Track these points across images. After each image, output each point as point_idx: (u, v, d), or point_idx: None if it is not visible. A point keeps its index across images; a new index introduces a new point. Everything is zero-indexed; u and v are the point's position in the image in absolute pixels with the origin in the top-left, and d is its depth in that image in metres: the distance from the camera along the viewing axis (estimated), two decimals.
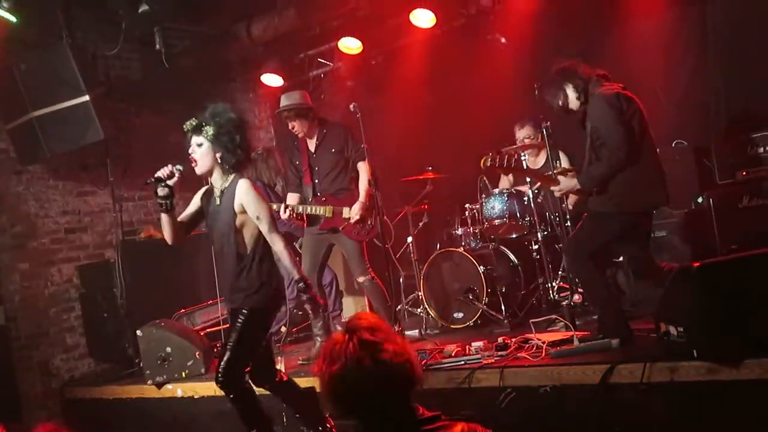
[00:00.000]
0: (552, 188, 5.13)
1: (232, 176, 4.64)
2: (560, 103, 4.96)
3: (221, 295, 6.47)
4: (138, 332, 6.51)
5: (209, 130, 4.55)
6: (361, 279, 6.28)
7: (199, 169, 4.63)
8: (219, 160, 4.58)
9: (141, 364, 6.62)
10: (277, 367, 5.77)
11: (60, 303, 7.53)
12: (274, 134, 9.66)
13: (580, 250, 4.86)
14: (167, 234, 4.68)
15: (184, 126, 4.66)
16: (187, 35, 8.31)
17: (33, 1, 6.66)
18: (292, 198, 6.33)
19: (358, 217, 6.08)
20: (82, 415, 7.02)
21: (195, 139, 4.60)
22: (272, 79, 8.33)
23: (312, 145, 6.28)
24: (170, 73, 7.88)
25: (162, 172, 4.56)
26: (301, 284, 4.61)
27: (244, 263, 4.59)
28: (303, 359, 6.21)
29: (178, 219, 4.75)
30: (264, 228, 4.54)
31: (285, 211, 6.04)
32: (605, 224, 4.82)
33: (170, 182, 4.56)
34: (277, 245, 4.56)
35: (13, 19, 6.26)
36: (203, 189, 4.86)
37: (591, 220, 4.91)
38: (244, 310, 4.56)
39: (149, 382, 6.40)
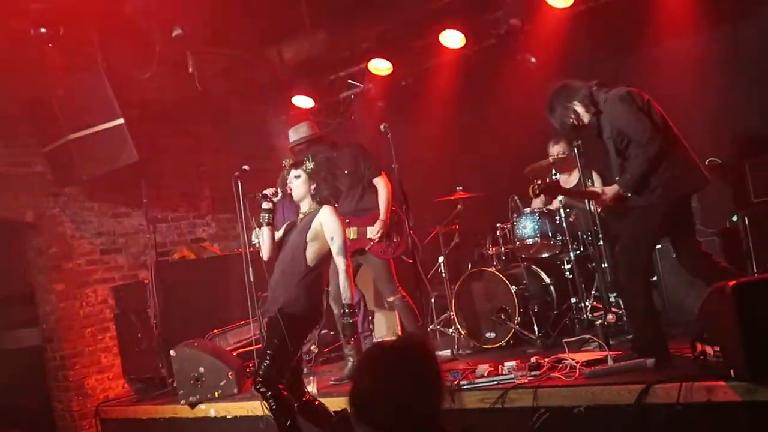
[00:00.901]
0: (601, 198, 5.07)
1: (317, 203, 5.14)
2: (572, 122, 4.92)
3: (260, 308, 6.52)
4: (171, 352, 6.56)
5: (308, 165, 5.16)
6: (391, 298, 6.26)
7: (296, 197, 5.16)
8: (312, 191, 5.12)
9: (174, 384, 6.67)
10: (308, 388, 5.80)
11: (95, 323, 7.63)
12: None
13: (631, 254, 4.77)
14: (264, 247, 5.20)
15: (284, 162, 5.38)
16: (218, 59, 8.42)
17: (69, 26, 6.81)
18: None
19: (380, 234, 6.08)
20: None
21: (294, 172, 5.18)
22: (303, 101, 8.41)
23: None
24: (202, 96, 7.99)
25: (269, 191, 5.23)
26: (348, 309, 4.93)
27: (301, 274, 4.94)
28: (335, 379, 6.20)
29: (275, 236, 5.24)
30: (334, 249, 4.92)
31: None
32: (649, 217, 4.74)
33: (274, 199, 5.20)
34: (341, 266, 4.92)
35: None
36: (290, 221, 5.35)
37: (634, 217, 4.82)
38: (282, 318, 4.81)
39: (182, 402, 6.44)
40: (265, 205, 5.18)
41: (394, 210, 6.15)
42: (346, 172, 6.20)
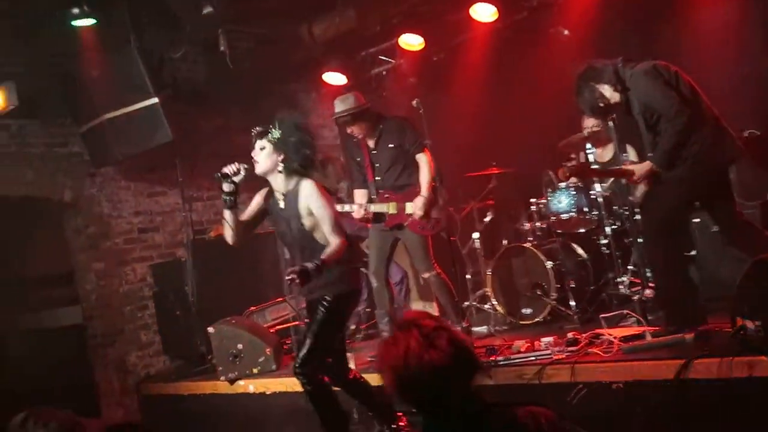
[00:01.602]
0: (632, 178, 5.02)
1: (295, 179, 4.71)
2: (601, 103, 4.89)
3: (291, 292, 6.57)
4: (210, 329, 6.65)
5: (274, 133, 4.68)
6: (426, 275, 6.27)
7: (259, 169, 4.72)
8: (281, 163, 4.68)
9: (213, 361, 6.77)
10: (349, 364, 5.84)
11: (134, 301, 7.74)
12: (338, 132, 9.72)
13: (659, 225, 4.74)
14: (228, 232, 4.77)
15: (252, 131, 4.80)
16: (249, 37, 8.44)
17: (101, 7, 6.85)
18: (359, 195, 6.34)
19: (421, 212, 6.07)
20: (158, 411, 7.22)
21: (259, 143, 4.74)
22: (335, 78, 8.40)
23: (371, 141, 6.27)
24: (234, 75, 8.01)
25: (228, 169, 4.70)
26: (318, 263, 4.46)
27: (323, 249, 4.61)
28: (372, 356, 6.24)
29: (241, 218, 4.84)
30: (326, 229, 4.61)
31: (360, 211, 6.09)
32: (679, 189, 4.71)
33: (236, 179, 4.69)
34: (334, 243, 4.57)
35: (91, 21, 6.48)
36: (264, 190, 4.93)
37: (663, 188, 4.77)
38: (325, 300, 4.67)
39: (222, 378, 6.53)
40: (226, 186, 4.67)
41: (434, 186, 6.14)
42: (390, 145, 6.18)
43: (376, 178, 6.25)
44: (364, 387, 5.00)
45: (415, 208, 6.07)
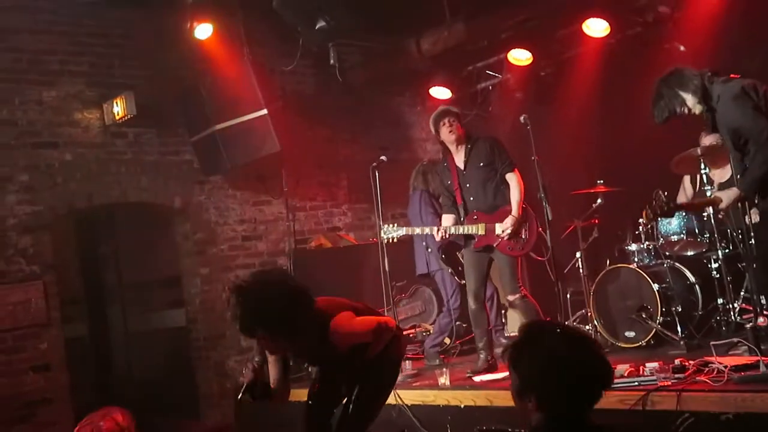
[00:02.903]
0: (719, 207, 4.86)
1: (314, 338, 4.03)
2: (680, 110, 4.76)
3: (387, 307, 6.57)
4: None
5: (263, 333, 3.95)
6: (511, 297, 6.15)
7: (275, 354, 4.20)
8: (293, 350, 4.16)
9: (310, 369, 6.81)
10: (440, 380, 5.77)
11: None
12: (440, 146, 9.71)
13: None
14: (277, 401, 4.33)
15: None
16: (358, 50, 8.54)
17: (217, 19, 7.09)
18: (447, 219, 6.29)
19: (510, 231, 5.96)
20: (253, 415, 7.32)
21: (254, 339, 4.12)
22: (440, 92, 8.41)
23: (460, 161, 6.22)
24: (341, 88, 8.12)
25: (247, 376, 4.07)
26: None
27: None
28: (470, 371, 6.16)
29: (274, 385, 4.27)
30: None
31: (438, 234, 6.09)
32: None
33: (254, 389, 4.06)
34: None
35: (210, 30, 6.75)
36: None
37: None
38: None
39: None
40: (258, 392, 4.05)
41: (525, 207, 6.05)
42: (480, 164, 6.13)
43: (466, 199, 6.19)
44: None
45: (504, 227, 5.97)
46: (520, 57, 7.74)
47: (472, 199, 6.18)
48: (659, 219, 6.21)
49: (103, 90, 7.29)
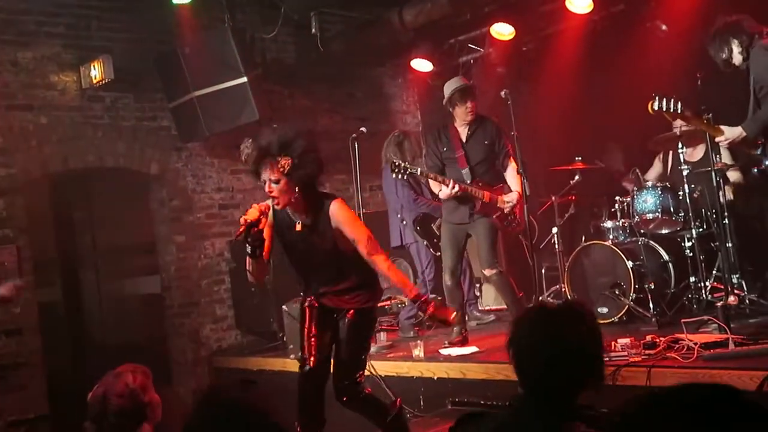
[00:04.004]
0: (717, 139, 5.10)
1: (320, 201, 4.25)
2: (723, 57, 4.98)
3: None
4: (283, 308, 6.71)
5: (284, 164, 4.06)
6: (487, 272, 6.17)
7: (280, 205, 4.22)
8: (301, 190, 4.15)
9: (284, 339, 6.84)
10: (414, 351, 5.81)
11: (211, 275, 7.88)
12: (420, 119, 9.70)
13: None
14: (254, 276, 4.38)
15: (245, 155, 4.18)
16: (340, 20, 8.47)
17: None
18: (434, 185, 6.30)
19: (515, 202, 6.04)
20: (227, 383, 7.34)
21: (267, 174, 4.12)
22: (422, 65, 8.36)
23: (463, 134, 6.23)
24: (322, 57, 8.05)
25: (250, 215, 4.04)
26: (419, 302, 4.25)
27: (351, 269, 4.34)
28: (447, 342, 6.16)
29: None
30: (362, 250, 4.19)
31: (453, 187, 5.95)
32: None
33: (261, 226, 4.09)
34: (381, 266, 4.22)
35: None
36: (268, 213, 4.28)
37: None
38: (357, 312, 4.41)
39: (291, 356, 6.58)
40: (253, 242, 4.06)
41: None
42: (486, 142, 6.20)
43: (471, 165, 6.19)
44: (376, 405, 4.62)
45: (510, 198, 6.07)
46: (503, 31, 7.70)
47: (473, 168, 6.19)
48: (635, 195, 6.25)
49: (81, 52, 7.18)
